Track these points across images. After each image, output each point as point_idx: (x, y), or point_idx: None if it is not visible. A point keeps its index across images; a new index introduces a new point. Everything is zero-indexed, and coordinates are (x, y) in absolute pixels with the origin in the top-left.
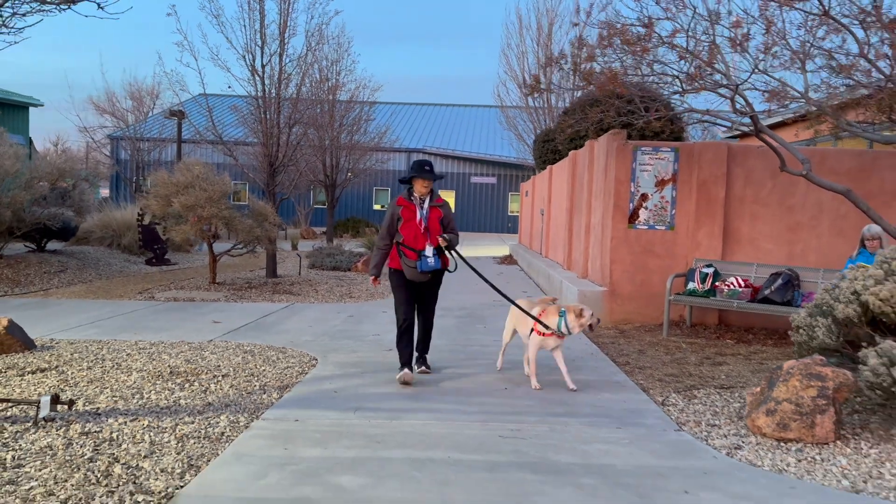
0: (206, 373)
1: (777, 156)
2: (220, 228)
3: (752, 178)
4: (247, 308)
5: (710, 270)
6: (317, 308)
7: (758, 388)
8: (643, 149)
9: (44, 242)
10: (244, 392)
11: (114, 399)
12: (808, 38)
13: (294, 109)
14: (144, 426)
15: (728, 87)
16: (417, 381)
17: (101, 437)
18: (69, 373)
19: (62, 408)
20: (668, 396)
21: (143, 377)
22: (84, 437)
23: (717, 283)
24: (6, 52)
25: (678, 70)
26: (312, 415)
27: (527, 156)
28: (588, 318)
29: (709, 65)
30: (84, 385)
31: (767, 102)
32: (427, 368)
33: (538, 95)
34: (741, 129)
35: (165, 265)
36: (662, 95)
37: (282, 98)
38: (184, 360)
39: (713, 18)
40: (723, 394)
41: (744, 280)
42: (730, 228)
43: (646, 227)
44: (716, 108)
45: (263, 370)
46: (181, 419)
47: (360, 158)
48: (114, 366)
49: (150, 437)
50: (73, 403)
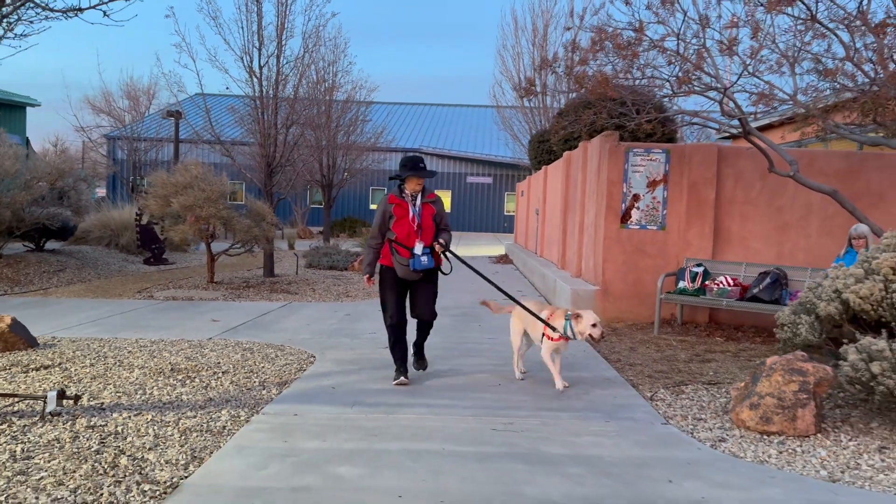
0: (207, 369)
1: (765, 157)
2: (218, 228)
3: (742, 179)
4: (245, 307)
5: (700, 270)
6: (314, 307)
7: (742, 384)
8: (635, 150)
9: (42, 242)
10: (244, 388)
11: (117, 395)
12: (796, 43)
13: (291, 110)
14: (148, 420)
15: (717, 90)
16: (412, 378)
17: (107, 431)
18: (72, 370)
19: (68, 403)
20: (657, 392)
21: (145, 374)
22: (90, 431)
23: (707, 282)
24: (4, 52)
25: (668, 74)
26: (311, 409)
27: (522, 156)
28: (587, 328)
29: (697, 68)
30: (88, 381)
31: (754, 106)
32: (424, 367)
33: (532, 98)
34: (730, 132)
35: (163, 264)
36: (654, 98)
37: (279, 99)
38: (184, 358)
39: (703, 22)
40: (710, 389)
41: (733, 279)
42: (720, 228)
43: (638, 227)
44: (707, 111)
45: (262, 367)
46: (183, 414)
47: (357, 158)
48: (116, 363)
49: (154, 431)
50: (79, 398)
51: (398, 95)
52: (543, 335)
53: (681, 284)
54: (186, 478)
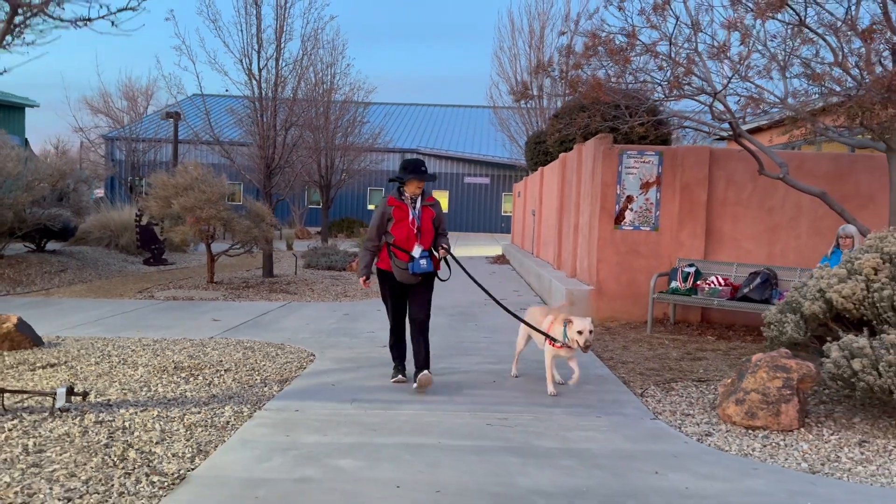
0: (209, 367)
1: (755, 159)
2: (218, 229)
3: (734, 181)
4: (245, 307)
5: (692, 270)
6: (313, 306)
7: (729, 380)
8: (628, 152)
9: (43, 243)
10: (246, 385)
11: (123, 392)
12: (785, 48)
13: (290, 112)
14: (154, 416)
15: (707, 94)
16: (409, 376)
17: (115, 426)
18: (78, 368)
19: (76, 399)
20: (648, 388)
21: (150, 372)
22: (98, 426)
23: (699, 282)
24: (15, 60)
25: (660, 79)
26: (312, 405)
27: (519, 157)
28: (574, 335)
29: (688, 73)
30: (94, 379)
31: (742, 111)
32: (428, 373)
33: (527, 101)
34: (719, 134)
35: (163, 265)
36: (647, 100)
37: (278, 101)
38: (187, 356)
39: (696, 26)
40: (699, 386)
41: (724, 279)
42: (712, 229)
43: (631, 228)
44: (697, 111)
45: (264, 365)
46: (188, 409)
47: (355, 159)
48: (120, 361)
49: (161, 426)
50: (87, 395)
51: (396, 96)
52: (546, 341)
53: (673, 284)
54: (193, 470)
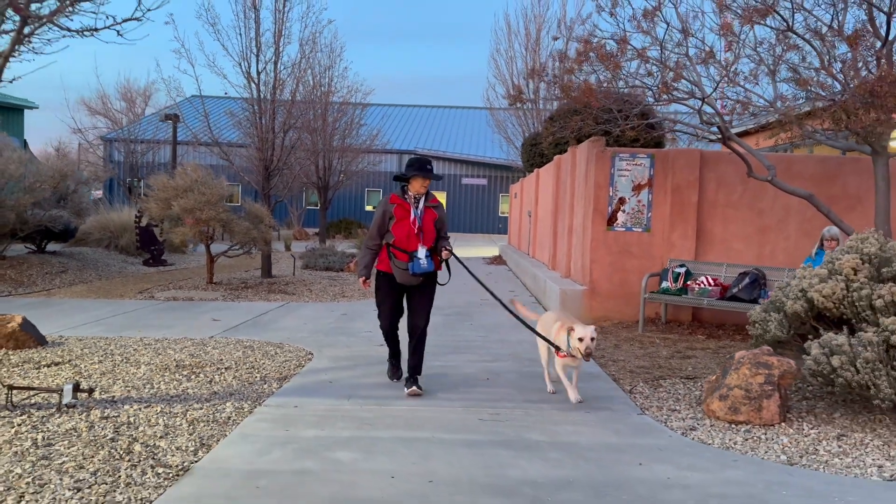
0: (210, 366)
1: (744, 162)
2: (218, 230)
3: (724, 183)
4: (244, 307)
5: (683, 270)
6: (311, 307)
7: (714, 377)
8: (621, 155)
9: (44, 244)
10: (246, 383)
11: (127, 389)
12: (773, 53)
13: (288, 115)
14: (158, 412)
15: (696, 98)
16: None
17: (120, 421)
18: (82, 366)
19: (82, 395)
20: (636, 385)
21: (152, 370)
22: (104, 421)
23: (689, 282)
24: (24, 68)
25: (650, 84)
26: (310, 402)
27: (516, 158)
28: (575, 342)
29: (677, 79)
30: (98, 377)
31: (729, 114)
32: (418, 389)
33: (521, 104)
34: (709, 138)
35: (162, 266)
36: (639, 104)
37: (276, 104)
38: (188, 355)
39: (686, 32)
40: (687, 383)
41: (714, 279)
42: (702, 230)
43: (623, 230)
44: (688, 112)
45: (263, 363)
46: (190, 406)
47: (353, 161)
48: (123, 360)
49: (164, 421)
50: (93, 391)
51: (394, 97)
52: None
53: (664, 284)
54: (196, 462)
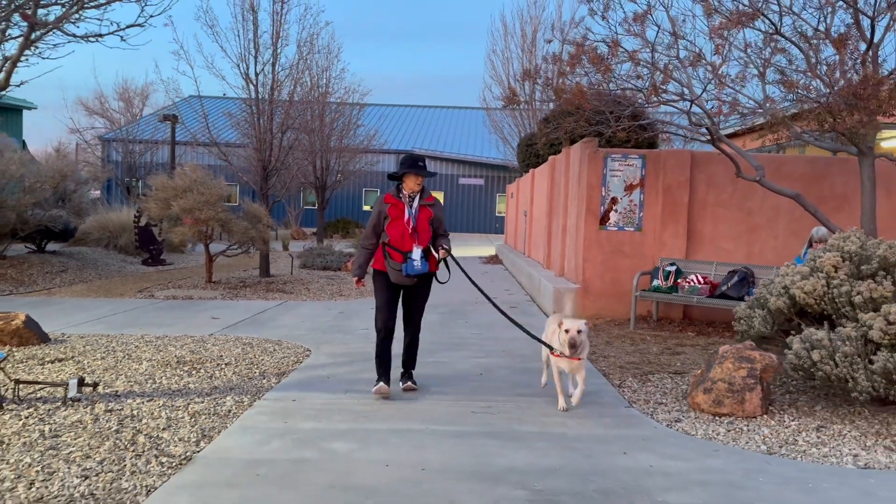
0: (210, 362)
1: (733, 163)
2: (216, 230)
3: (714, 183)
4: (243, 305)
5: (673, 269)
6: (309, 305)
7: (699, 371)
8: (613, 156)
9: (44, 244)
10: (246, 378)
11: (129, 384)
12: (761, 55)
13: (286, 115)
14: (160, 405)
15: (686, 100)
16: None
17: (124, 414)
18: (85, 362)
19: (87, 389)
20: (626, 380)
21: (154, 366)
22: (109, 414)
23: (679, 281)
24: (31, 73)
25: (640, 86)
26: (308, 396)
27: (512, 158)
28: (563, 335)
29: (666, 81)
30: (101, 372)
31: (716, 116)
32: (413, 384)
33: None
34: (698, 139)
35: (161, 265)
36: (630, 105)
37: (275, 104)
38: (188, 351)
39: (677, 34)
40: (674, 378)
41: (703, 277)
42: (693, 229)
43: (616, 229)
44: (678, 115)
45: (262, 359)
46: (192, 400)
47: (350, 161)
48: (125, 356)
49: (167, 414)
50: (97, 385)
51: (391, 97)
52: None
53: (655, 283)
54: (198, 452)
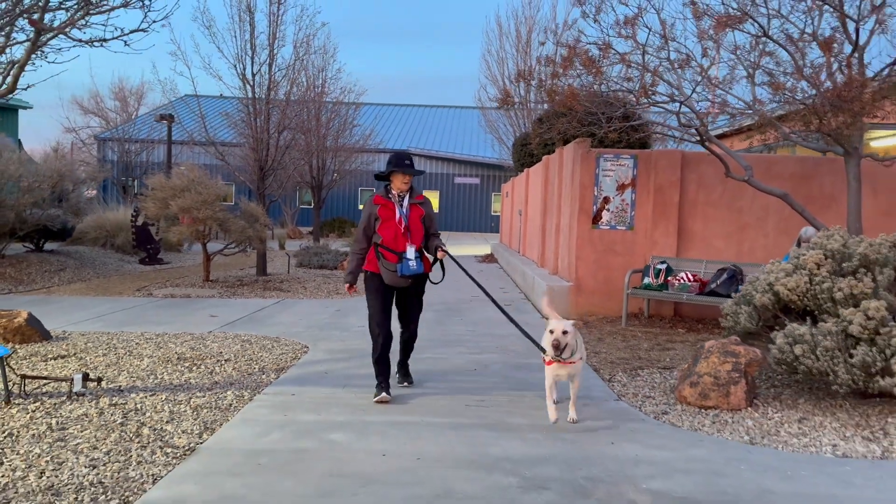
0: (210, 358)
1: (722, 163)
2: (214, 229)
3: (704, 183)
4: (240, 303)
5: (664, 266)
6: (306, 303)
7: (686, 365)
8: (605, 156)
9: (42, 243)
10: (245, 373)
11: (132, 379)
12: (750, 57)
13: (283, 116)
14: (163, 399)
15: (676, 101)
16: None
17: (128, 408)
18: (87, 359)
19: (91, 384)
20: (616, 375)
21: (155, 362)
22: (113, 408)
23: (669, 278)
24: (38, 76)
25: (631, 88)
26: (307, 390)
27: (508, 158)
28: (547, 335)
29: (655, 83)
30: (103, 368)
31: (703, 118)
32: (409, 382)
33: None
34: (687, 139)
35: (158, 264)
36: (622, 106)
37: (271, 105)
38: (188, 348)
39: (667, 36)
40: (663, 373)
41: (693, 275)
42: (684, 228)
43: (608, 228)
44: (667, 115)
45: (261, 356)
46: (193, 394)
47: (346, 160)
48: (126, 353)
49: (169, 408)
50: (101, 380)
51: (386, 96)
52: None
53: (646, 280)
54: (201, 443)
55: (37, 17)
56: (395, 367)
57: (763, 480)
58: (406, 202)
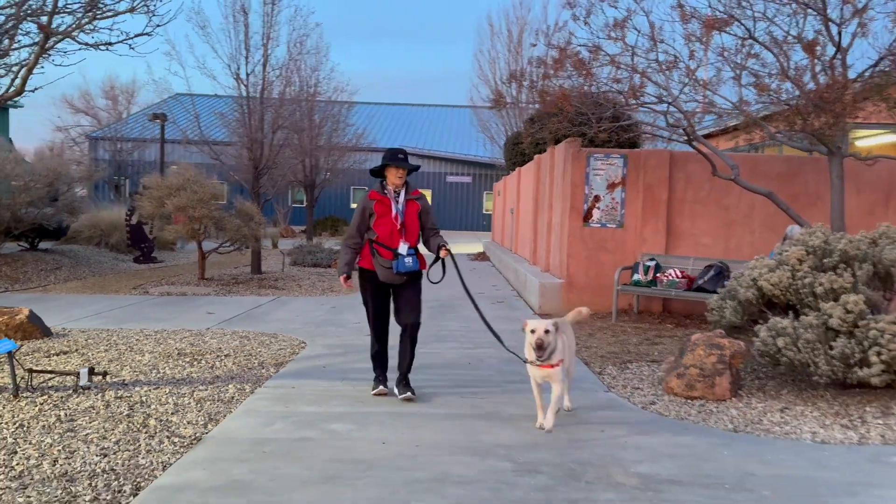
0: (210, 353)
1: (709, 162)
2: (210, 228)
3: (692, 182)
4: (236, 301)
5: (653, 263)
6: (301, 300)
7: (672, 358)
8: (596, 155)
9: (36, 242)
10: (245, 368)
11: (135, 374)
12: (736, 59)
13: (277, 115)
14: (166, 392)
15: (665, 102)
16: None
17: (133, 400)
18: (89, 354)
19: (96, 378)
20: (606, 368)
21: (156, 357)
22: (119, 400)
23: (658, 275)
24: (43, 79)
25: (620, 89)
26: (306, 383)
27: (499, 157)
28: (528, 335)
29: (643, 85)
30: (106, 363)
31: (689, 118)
32: (412, 394)
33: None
34: (675, 139)
35: (153, 263)
36: (612, 107)
37: (265, 104)
38: (188, 344)
39: (656, 38)
40: (651, 366)
41: (681, 271)
42: (672, 226)
43: (598, 226)
44: (657, 115)
45: (259, 351)
46: (196, 387)
47: (339, 159)
48: (127, 349)
49: (174, 401)
50: (107, 374)
51: (379, 95)
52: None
53: (635, 277)
54: (207, 433)
55: (45, 22)
56: (398, 375)
57: (745, 464)
58: (402, 198)
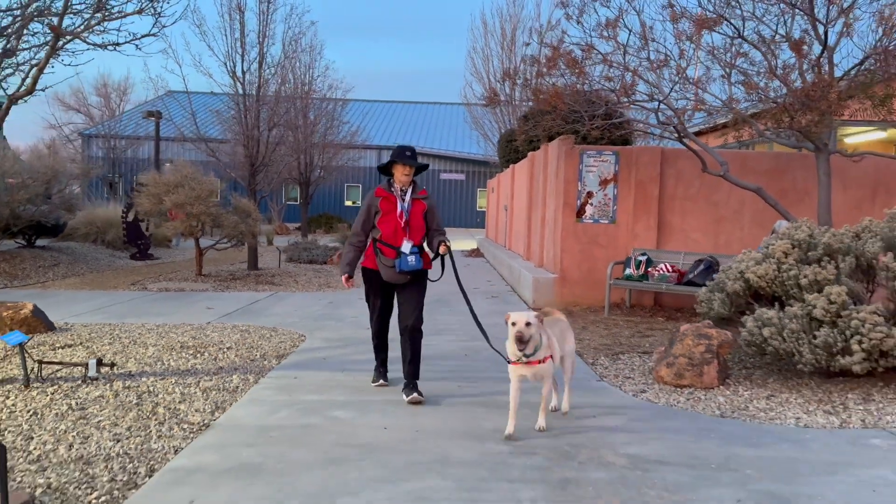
0: (213, 346)
1: (699, 159)
2: (207, 224)
3: (683, 178)
4: (234, 296)
5: (644, 258)
6: (299, 296)
7: (662, 348)
8: (588, 152)
9: (34, 239)
10: (248, 360)
11: (140, 365)
12: (725, 58)
13: (273, 113)
14: (173, 383)
15: (656, 100)
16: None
17: (141, 390)
18: (94, 347)
19: (105, 369)
20: (598, 359)
21: (160, 350)
22: (127, 390)
23: (650, 269)
24: (49, 79)
25: (612, 87)
26: (308, 374)
27: (493, 154)
28: (510, 328)
29: (635, 83)
30: (111, 356)
31: (679, 116)
32: (419, 396)
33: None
34: (667, 137)
35: (149, 259)
36: (605, 104)
37: (261, 102)
38: (190, 338)
39: (647, 37)
40: (642, 357)
41: (672, 266)
42: (664, 221)
43: (591, 222)
44: (649, 113)
45: (260, 344)
46: (201, 378)
47: (334, 157)
48: (131, 342)
49: (180, 390)
50: (114, 365)
51: (373, 92)
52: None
53: (627, 272)
54: (215, 420)
55: (56, 23)
56: (403, 377)
57: (730, 447)
58: (408, 196)
